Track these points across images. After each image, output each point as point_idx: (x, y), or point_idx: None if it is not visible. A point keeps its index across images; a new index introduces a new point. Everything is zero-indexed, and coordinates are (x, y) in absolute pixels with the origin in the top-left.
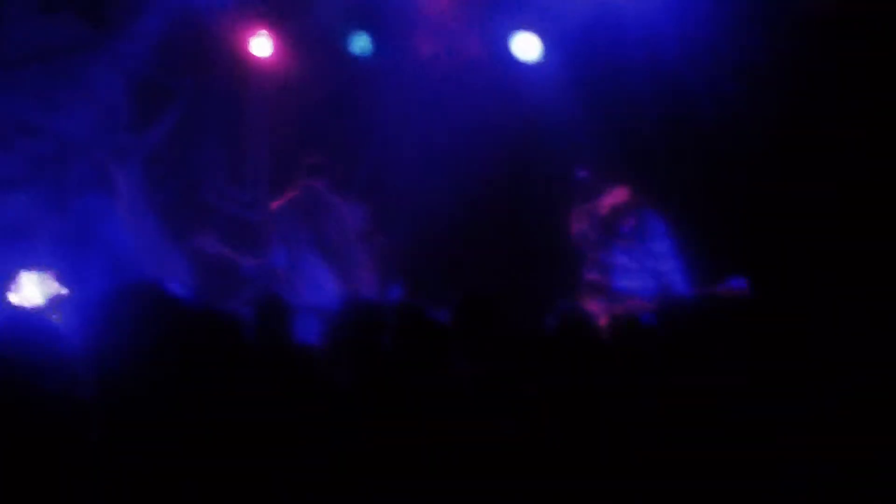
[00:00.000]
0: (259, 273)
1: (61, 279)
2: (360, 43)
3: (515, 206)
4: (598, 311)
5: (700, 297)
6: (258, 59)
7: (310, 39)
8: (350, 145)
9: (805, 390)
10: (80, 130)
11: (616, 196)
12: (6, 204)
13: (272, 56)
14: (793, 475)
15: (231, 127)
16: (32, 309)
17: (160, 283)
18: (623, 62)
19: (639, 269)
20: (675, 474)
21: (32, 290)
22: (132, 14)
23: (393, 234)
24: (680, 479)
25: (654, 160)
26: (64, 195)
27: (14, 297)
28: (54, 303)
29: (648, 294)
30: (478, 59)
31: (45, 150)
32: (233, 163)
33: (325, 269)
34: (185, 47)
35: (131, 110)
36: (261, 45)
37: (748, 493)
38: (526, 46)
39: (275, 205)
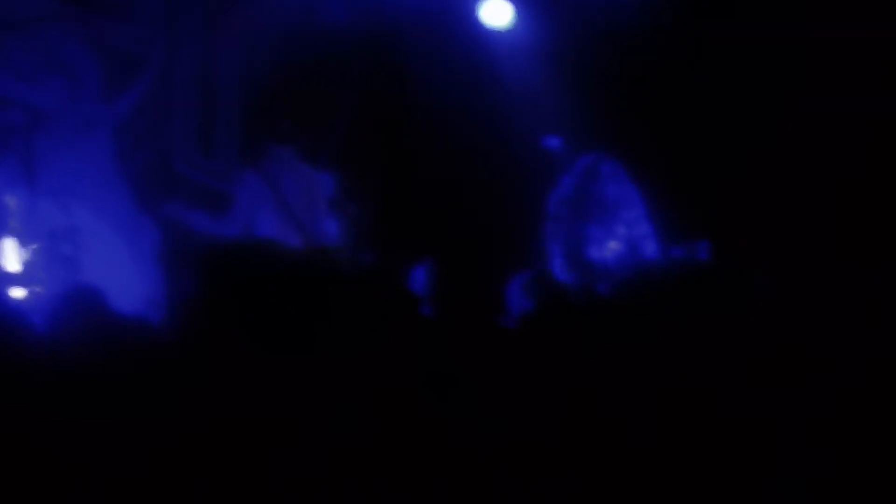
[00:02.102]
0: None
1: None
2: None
3: (487, 175)
4: (567, 281)
5: (669, 264)
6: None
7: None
8: (321, 113)
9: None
10: (48, 101)
11: (586, 164)
12: None
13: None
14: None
15: (202, 96)
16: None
17: None
18: (591, 27)
19: (610, 238)
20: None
21: (10, 256)
22: None
23: (365, 203)
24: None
25: (625, 126)
26: (32, 166)
27: None
28: (31, 269)
29: (620, 263)
30: (447, 26)
31: (12, 120)
32: (205, 132)
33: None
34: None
35: (101, 80)
36: None
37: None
38: (496, 13)
39: (239, 171)
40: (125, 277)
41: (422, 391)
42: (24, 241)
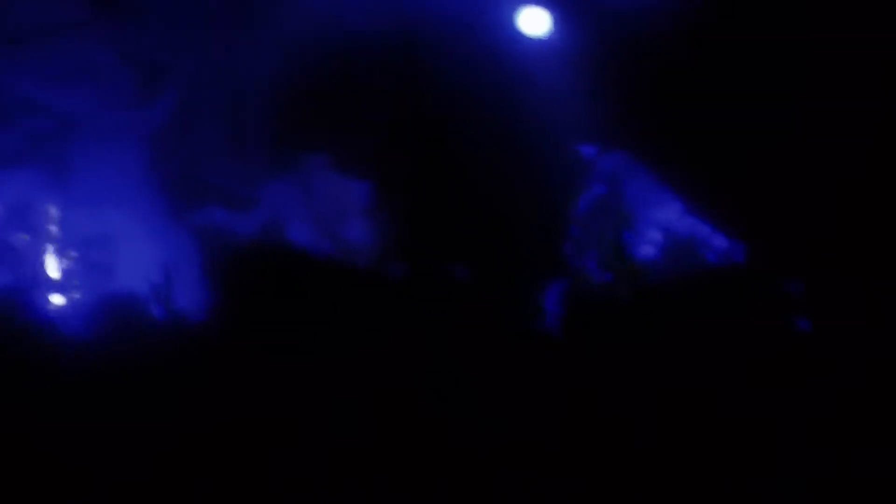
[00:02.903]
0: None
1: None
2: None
3: (520, 181)
4: (609, 282)
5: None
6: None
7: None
8: (354, 120)
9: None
10: (80, 108)
11: (619, 169)
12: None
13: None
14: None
15: (233, 104)
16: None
17: None
18: (626, 35)
19: (643, 241)
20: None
21: (50, 263)
22: None
23: (397, 210)
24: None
25: (658, 132)
26: (65, 174)
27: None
28: (70, 278)
29: (654, 262)
30: (484, 33)
31: (45, 127)
32: (235, 140)
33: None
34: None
35: (132, 88)
36: None
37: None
38: (534, 21)
39: (270, 178)
40: (158, 282)
41: (457, 393)
42: (60, 249)
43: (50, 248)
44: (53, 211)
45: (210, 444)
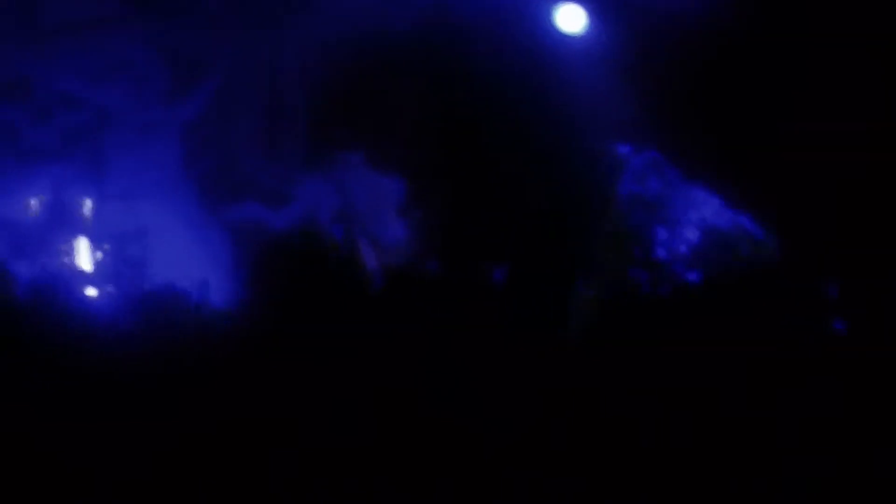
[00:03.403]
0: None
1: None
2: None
3: (555, 179)
4: (641, 284)
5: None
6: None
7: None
8: (390, 118)
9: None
10: (116, 103)
11: (654, 167)
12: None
13: None
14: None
15: (268, 100)
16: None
17: None
18: (663, 33)
19: (677, 239)
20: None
21: (83, 256)
22: None
23: (431, 208)
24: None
25: (693, 130)
26: (101, 168)
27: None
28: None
29: (691, 261)
30: (520, 31)
31: (81, 121)
32: (271, 136)
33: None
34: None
35: (167, 83)
36: None
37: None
38: (570, 18)
39: (305, 174)
40: (192, 278)
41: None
42: (95, 242)
43: (84, 241)
44: (88, 205)
45: (240, 438)
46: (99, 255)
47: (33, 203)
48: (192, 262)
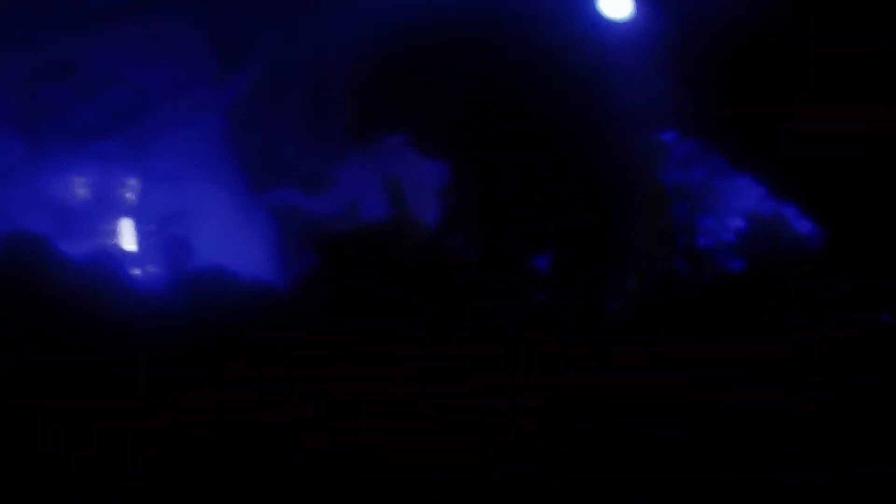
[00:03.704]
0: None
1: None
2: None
3: (597, 165)
4: (684, 271)
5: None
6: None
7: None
8: (432, 101)
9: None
10: (162, 83)
11: (699, 155)
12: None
13: None
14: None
15: (312, 82)
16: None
17: None
18: (708, 19)
19: (722, 228)
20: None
21: (127, 236)
22: None
23: (473, 190)
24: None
25: (738, 118)
26: (145, 148)
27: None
28: (145, 249)
29: (733, 250)
30: (566, 16)
31: (126, 101)
32: (314, 118)
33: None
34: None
35: (213, 64)
36: None
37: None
38: (616, 4)
39: (348, 157)
40: (236, 258)
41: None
42: (139, 222)
43: (128, 222)
44: (133, 185)
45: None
46: (138, 234)
47: (80, 183)
48: (235, 243)
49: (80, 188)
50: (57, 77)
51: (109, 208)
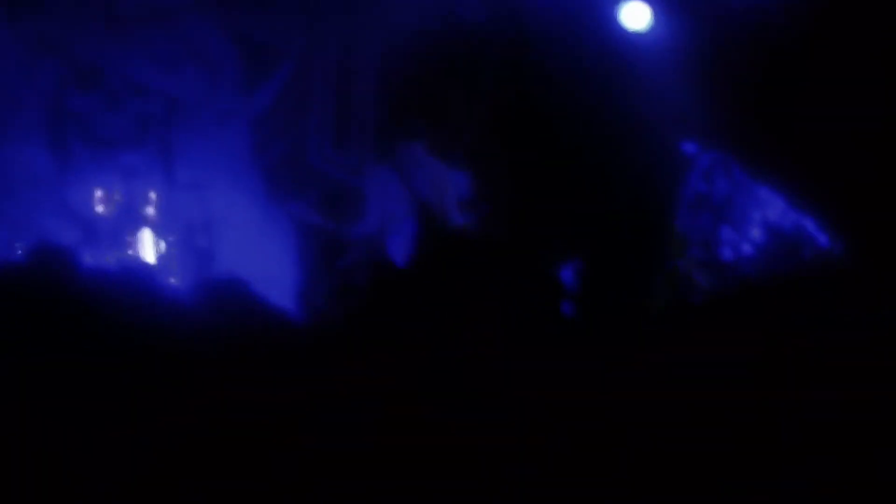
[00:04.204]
0: (358, 239)
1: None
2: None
3: (619, 176)
4: (705, 284)
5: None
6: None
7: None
8: (455, 110)
9: None
10: (188, 91)
11: (720, 166)
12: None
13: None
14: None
15: (338, 90)
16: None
17: None
18: (728, 30)
19: (743, 240)
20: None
21: (148, 247)
22: None
23: (497, 202)
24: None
25: (759, 128)
26: (170, 157)
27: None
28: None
29: (755, 263)
30: (585, 27)
31: (153, 110)
32: (340, 127)
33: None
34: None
35: (240, 72)
36: None
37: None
38: (635, 15)
39: (373, 168)
40: (260, 269)
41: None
42: (162, 233)
43: (148, 232)
44: (157, 194)
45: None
46: (163, 246)
47: (103, 193)
48: (259, 254)
49: (105, 198)
50: (84, 85)
51: (134, 219)
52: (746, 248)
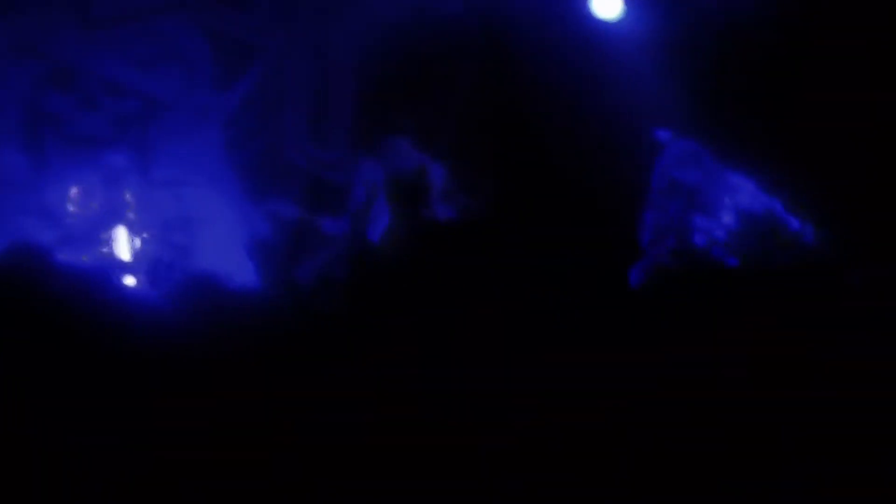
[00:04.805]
0: (338, 234)
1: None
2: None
3: (594, 165)
4: (680, 271)
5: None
6: None
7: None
8: (434, 103)
9: None
10: (164, 90)
11: (693, 154)
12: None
13: None
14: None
15: (315, 86)
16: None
17: None
18: (698, 18)
19: (716, 226)
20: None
21: (123, 245)
22: None
23: (475, 193)
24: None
25: (731, 116)
26: (147, 156)
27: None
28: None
29: (728, 248)
30: (559, 17)
31: (129, 109)
32: (317, 123)
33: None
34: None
35: (215, 70)
36: None
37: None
38: (607, 4)
39: (353, 162)
40: (238, 266)
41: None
42: (138, 230)
43: (124, 230)
44: (134, 192)
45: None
46: (139, 243)
47: (80, 191)
48: (236, 250)
49: (81, 197)
50: (57, 86)
51: (110, 217)
52: (719, 234)
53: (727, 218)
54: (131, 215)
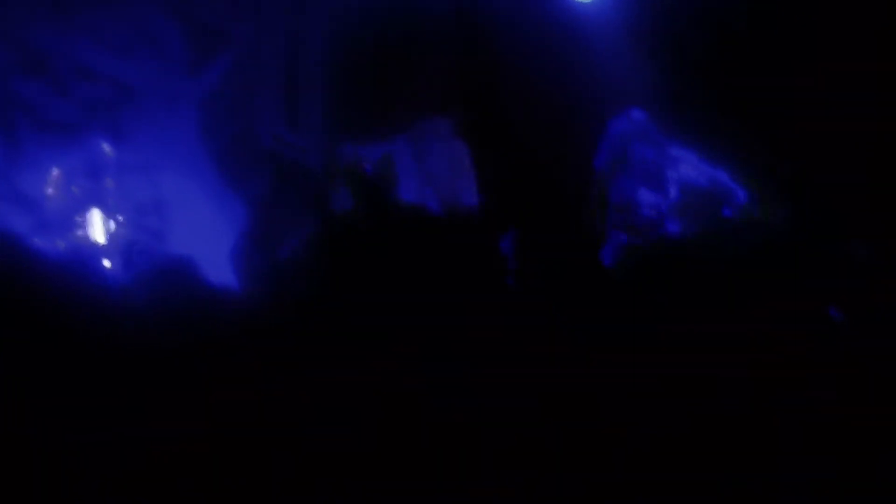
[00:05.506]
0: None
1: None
2: None
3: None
4: (627, 241)
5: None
6: None
7: None
8: (406, 86)
9: None
10: (137, 75)
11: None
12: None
13: None
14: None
15: (288, 71)
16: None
17: None
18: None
19: (663, 200)
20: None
21: (98, 228)
22: None
23: (492, 168)
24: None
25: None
26: (120, 140)
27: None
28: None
29: (675, 220)
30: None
31: (101, 94)
32: (290, 107)
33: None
34: None
35: (187, 54)
36: None
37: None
38: None
39: (327, 147)
40: (211, 250)
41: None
42: (112, 214)
43: (98, 213)
44: (107, 177)
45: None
46: (113, 226)
47: (53, 176)
48: (210, 234)
49: (55, 182)
50: (30, 72)
51: (84, 201)
52: (665, 207)
53: (674, 191)
54: (106, 199)
